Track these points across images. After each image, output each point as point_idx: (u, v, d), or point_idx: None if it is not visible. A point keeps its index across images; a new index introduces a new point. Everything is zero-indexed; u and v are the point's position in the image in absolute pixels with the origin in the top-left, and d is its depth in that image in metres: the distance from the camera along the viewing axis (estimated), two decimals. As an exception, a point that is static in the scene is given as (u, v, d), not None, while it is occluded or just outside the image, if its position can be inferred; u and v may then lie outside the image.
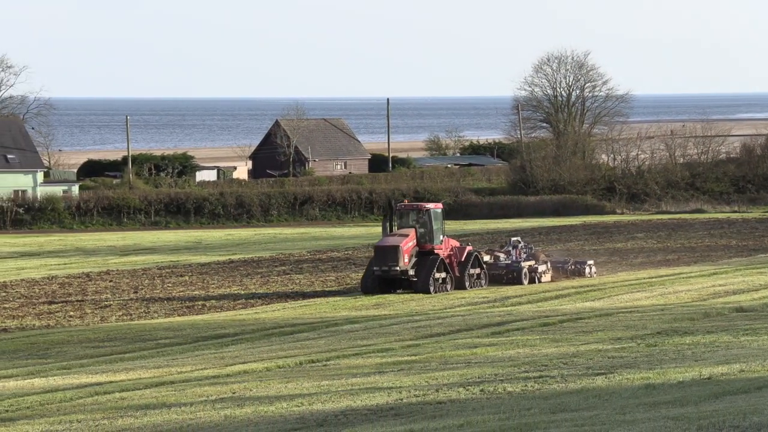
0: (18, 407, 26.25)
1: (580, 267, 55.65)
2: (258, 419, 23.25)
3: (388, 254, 49.97)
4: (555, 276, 54.63)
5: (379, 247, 50.74)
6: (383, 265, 50.08)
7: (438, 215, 51.40)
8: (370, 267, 50.81)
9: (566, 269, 55.32)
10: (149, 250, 75.44)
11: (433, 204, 52.06)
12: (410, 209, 51.55)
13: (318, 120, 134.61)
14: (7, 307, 49.24)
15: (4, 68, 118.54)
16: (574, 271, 55.40)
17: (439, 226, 51.27)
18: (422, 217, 51.02)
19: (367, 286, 50.66)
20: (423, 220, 51.00)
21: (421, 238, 50.79)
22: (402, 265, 49.95)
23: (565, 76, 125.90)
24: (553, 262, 55.70)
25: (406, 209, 51.72)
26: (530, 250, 55.22)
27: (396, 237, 50.46)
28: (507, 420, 21.28)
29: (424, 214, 51.00)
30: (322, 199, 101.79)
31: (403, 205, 52.43)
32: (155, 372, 31.01)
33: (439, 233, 51.19)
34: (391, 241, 50.28)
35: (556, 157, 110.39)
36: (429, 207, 51.29)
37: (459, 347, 33.23)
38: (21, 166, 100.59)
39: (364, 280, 51.01)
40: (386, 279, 50.41)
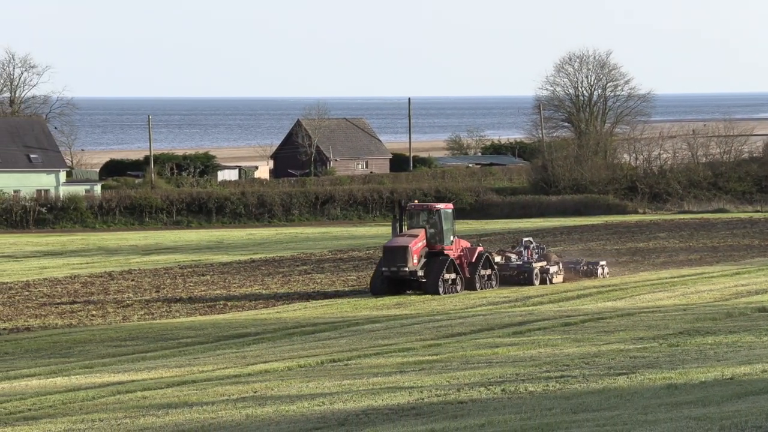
0: (41, 406, 26.36)
1: (593, 267, 55.21)
2: (279, 418, 23.28)
3: (397, 255, 49.56)
4: (567, 277, 54.23)
5: (388, 247, 50.32)
6: (392, 266, 49.68)
7: (448, 216, 50.91)
8: (379, 268, 50.41)
9: (578, 270, 54.91)
10: (171, 250, 75.64)
11: (443, 204, 51.58)
12: (420, 209, 51.10)
13: (339, 119, 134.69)
14: (29, 306, 49.45)
15: (27, 68, 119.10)
16: (587, 271, 55.00)
17: (449, 227, 50.80)
18: (432, 218, 50.57)
19: (375, 287, 50.22)
20: (433, 221, 50.54)
21: (431, 239, 50.35)
22: (411, 265, 49.53)
23: (586, 75, 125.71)
24: (565, 262, 55.25)
25: (416, 209, 51.27)
26: (542, 251, 54.80)
27: (405, 237, 50.06)
28: (528, 420, 21.26)
29: (434, 214, 50.57)
30: (343, 199, 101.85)
31: (413, 205, 51.98)
32: (177, 371, 31.08)
33: (449, 234, 50.72)
34: (400, 242, 49.87)
35: (577, 156, 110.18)
36: (439, 207, 50.76)
37: (480, 347, 33.20)
38: (44, 165, 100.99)
39: (373, 280, 50.61)
40: (395, 280, 49.97)
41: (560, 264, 54.27)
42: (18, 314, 46.97)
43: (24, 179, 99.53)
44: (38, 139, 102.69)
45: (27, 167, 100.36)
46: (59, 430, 23.56)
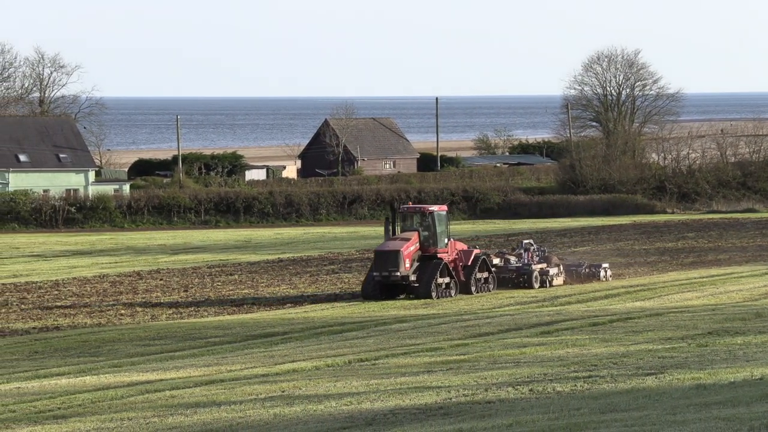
0: (70, 405, 26.48)
1: (595, 270, 54.10)
2: (307, 418, 23.31)
3: (389, 259, 48.13)
4: (568, 279, 53.21)
5: (379, 251, 48.92)
6: (383, 271, 48.25)
7: (442, 218, 49.54)
8: (371, 272, 48.98)
9: (580, 272, 53.91)
10: (199, 249, 75.85)
11: (437, 206, 50.33)
12: (413, 212, 49.82)
13: (367, 119, 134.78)
14: (59, 305, 49.69)
15: (56, 68, 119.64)
16: (589, 274, 53.90)
17: (443, 229, 49.40)
18: (426, 220, 49.23)
19: (367, 292, 48.78)
20: (426, 223, 49.18)
21: (425, 242, 48.99)
22: (403, 270, 48.14)
23: (615, 74, 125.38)
24: (567, 265, 54.34)
25: (409, 212, 49.97)
26: (543, 253, 53.76)
27: (397, 241, 48.63)
28: (556, 420, 21.23)
29: (427, 216, 49.22)
30: (371, 198, 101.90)
31: (406, 207, 50.70)
32: (205, 370, 31.17)
33: (443, 237, 49.33)
34: (391, 246, 48.44)
35: (605, 156, 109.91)
36: (433, 209, 49.50)
37: (508, 347, 33.16)
38: (73, 165, 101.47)
39: (365, 285, 49.16)
40: (387, 285, 48.57)
41: (561, 266, 53.23)
42: (47, 313, 47.21)
43: (53, 179, 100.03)
44: (67, 138, 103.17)
45: (56, 167, 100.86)
46: (88, 428, 23.66)
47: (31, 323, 44.54)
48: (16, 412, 25.85)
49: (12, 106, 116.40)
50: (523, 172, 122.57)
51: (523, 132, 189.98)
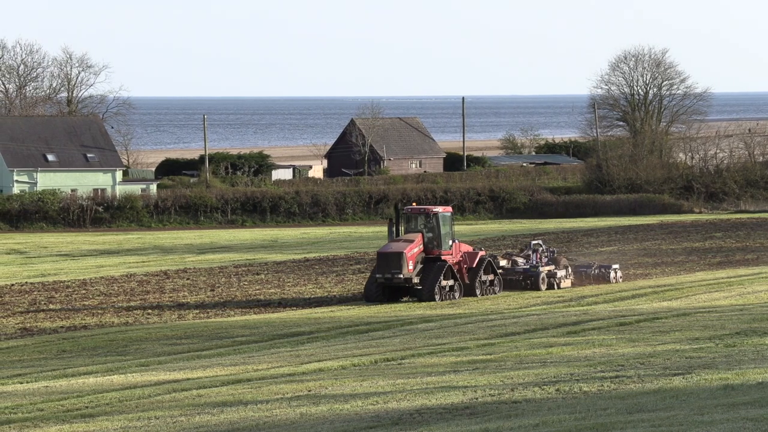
0: (97, 403, 26.59)
1: (605, 272, 53.56)
2: (333, 417, 23.34)
3: (392, 261, 47.39)
4: (577, 281, 52.73)
5: (381, 253, 48.08)
6: (386, 273, 47.48)
7: (447, 219, 48.81)
8: (373, 274, 48.33)
9: (590, 274, 53.36)
10: (226, 249, 76.03)
11: (441, 207, 49.43)
12: (417, 213, 48.89)
13: (393, 119, 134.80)
14: (86, 304, 49.90)
15: (84, 68, 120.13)
16: (599, 275, 53.34)
17: (447, 231, 48.69)
18: (430, 222, 48.46)
19: (370, 294, 48.06)
20: (431, 225, 48.43)
21: (429, 244, 48.29)
22: (406, 272, 47.40)
23: (642, 74, 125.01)
24: (577, 266, 53.83)
25: (413, 213, 49.05)
26: (552, 254, 53.07)
27: (400, 243, 47.88)
28: (583, 420, 21.19)
29: (431, 218, 48.45)
30: (397, 198, 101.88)
31: (410, 208, 49.62)
32: (232, 369, 31.24)
33: (447, 238, 48.64)
34: (394, 247, 47.68)
35: (632, 155, 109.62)
36: (437, 211, 48.71)
37: (534, 346, 33.11)
38: (100, 165, 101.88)
39: (367, 287, 48.47)
40: (390, 287, 47.91)
41: (569, 268, 52.67)
42: (75, 312, 47.42)
43: (81, 178, 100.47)
44: (95, 138, 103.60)
45: (84, 166, 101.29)
46: (116, 427, 23.74)
47: (59, 322, 44.75)
48: (44, 410, 25.98)
49: (40, 106, 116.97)
50: (549, 171, 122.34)
51: (550, 132, 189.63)
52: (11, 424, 24.51)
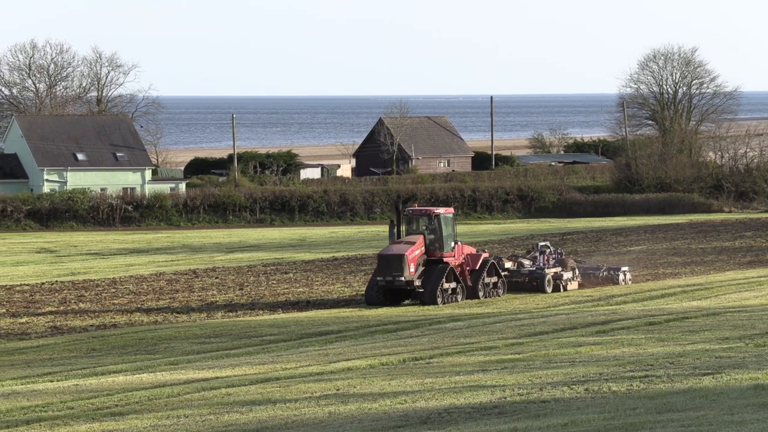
0: (127, 402, 26.69)
1: (614, 274, 52.55)
2: (362, 416, 23.35)
3: (393, 264, 46.43)
4: (585, 283, 51.89)
5: (382, 256, 47.07)
6: (387, 275, 46.50)
7: (449, 221, 47.90)
8: (374, 277, 47.38)
9: (598, 276, 52.56)
10: (254, 248, 76.19)
11: (443, 209, 48.59)
12: (419, 215, 47.97)
13: (421, 118, 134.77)
14: (116, 303, 50.10)
15: (113, 67, 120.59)
16: (607, 278, 52.53)
17: (450, 233, 47.79)
18: (432, 223, 47.55)
19: (371, 297, 47.14)
20: (432, 227, 47.52)
21: (431, 246, 47.36)
22: (407, 275, 46.43)
23: (671, 73, 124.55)
24: (585, 268, 52.96)
25: (414, 215, 48.13)
26: (559, 256, 51.93)
27: (401, 245, 46.93)
28: (612, 420, 21.14)
29: (433, 219, 47.53)
30: (425, 197, 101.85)
31: (412, 210, 48.73)
32: (260, 368, 31.31)
33: (449, 240, 47.74)
34: (395, 250, 46.76)
35: (661, 154, 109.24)
36: (439, 212, 47.81)
37: (563, 346, 33.04)
38: (130, 164, 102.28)
39: (368, 291, 47.54)
40: (391, 290, 47.00)
41: (576, 270, 51.81)
42: (105, 311, 47.62)
43: (111, 177, 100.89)
44: (124, 137, 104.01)
45: (113, 165, 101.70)
46: (145, 425, 23.83)
47: (89, 321, 44.95)
48: (74, 409, 26.10)
49: (70, 106, 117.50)
50: (578, 170, 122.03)
51: (579, 131, 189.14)
52: (42, 423, 24.64)
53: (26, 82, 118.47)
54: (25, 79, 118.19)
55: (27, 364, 34.79)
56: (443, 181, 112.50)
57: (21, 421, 24.84)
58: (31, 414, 25.62)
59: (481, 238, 78.71)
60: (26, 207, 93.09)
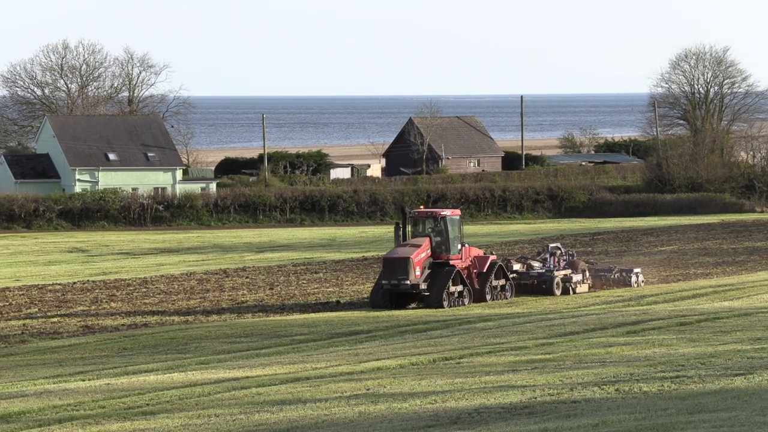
0: (158, 401, 26.80)
1: (626, 276, 51.74)
2: (392, 416, 23.37)
3: (398, 267, 45.75)
4: (596, 285, 51.13)
5: (388, 259, 46.45)
6: (392, 279, 45.88)
7: (455, 223, 47.16)
8: (380, 280, 46.76)
9: (609, 278, 51.79)
10: (284, 247, 76.33)
11: (450, 210, 47.95)
12: (425, 216, 47.43)
13: (451, 118, 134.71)
14: (147, 302, 50.30)
15: (145, 67, 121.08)
16: (619, 280, 51.72)
17: (456, 235, 47.05)
18: (438, 225, 46.91)
19: (376, 300, 46.51)
20: (438, 229, 46.88)
21: (437, 248, 46.70)
22: (413, 278, 45.74)
23: (703, 72, 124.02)
24: (597, 270, 52.17)
25: (420, 216, 47.56)
26: (570, 258, 51.22)
27: (407, 248, 46.21)
28: (643, 420, 21.08)
29: (439, 221, 46.88)
30: (455, 197, 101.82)
31: (418, 212, 48.13)
32: (290, 368, 31.36)
33: (456, 242, 47.00)
34: (400, 253, 46.07)
35: (693, 154, 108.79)
36: (445, 214, 47.12)
37: (593, 346, 32.95)
38: (161, 164, 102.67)
39: (373, 294, 46.96)
40: (397, 293, 46.32)
41: (587, 272, 50.98)
42: (136, 310, 47.82)
43: (142, 177, 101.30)
44: (155, 137, 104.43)
45: (144, 165, 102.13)
46: (176, 425, 23.91)
47: (121, 320, 45.15)
48: (105, 408, 26.22)
49: (102, 106, 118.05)
50: (608, 170, 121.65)
51: (610, 130, 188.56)
52: (74, 421, 24.77)
53: (58, 83, 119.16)
54: (57, 79, 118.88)
55: (59, 363, 34.99)
56: (473, 181, 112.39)
57: (53, 420, 24.99)
58: (63, 413, 25.76)
59: (511, 238, 78.59)
60: (58, 207, 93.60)
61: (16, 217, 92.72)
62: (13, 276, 61.52)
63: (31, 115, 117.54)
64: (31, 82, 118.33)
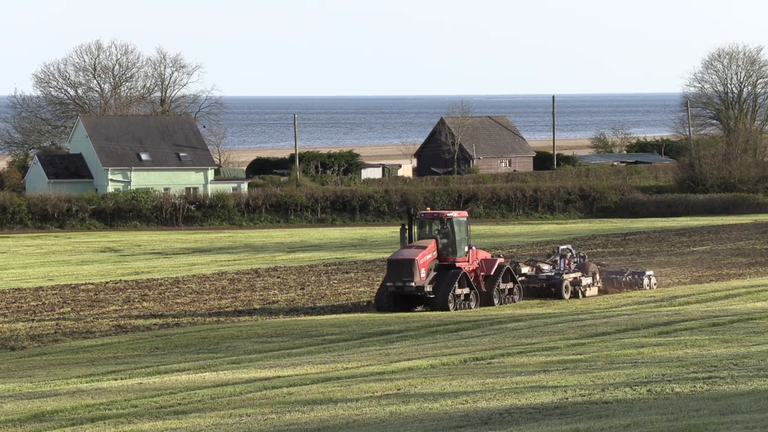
0: (190, 400, 26.88)
1: (638, 278, 50.96)
2: (423, 416, 23.36)
3: (403, 268, 45.15)
4: (607, 288, 50.31)
5: (392, 260, 45.89)
6: (397, 281, 45.21)
7: (462, 224, 46.50)
8: (384, 282, 46.14)
9: (621, 281, 51.01)
10: (315, 247, 76.43)
11: (456, 212, 47.57)
12: (431, 218, 46.87)
13: (483, 118, 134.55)
14: (179, 302, 50.47)
15: (177, 68, 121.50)
16: (631, 282, 50.98)
17: (463, 237, 46.32)
18: (444, 227, 46.25)
19: (381, 303, 45.86)
20: (445, 231, 46.18)
21: (443, 250, 45.99)
22: (418, 280, 45.08)
23: (736, 72, 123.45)
24: (608, 272, 51.40)
25: (426, 218, 46.97)
26: (582, 260, 50.42)
27: (412, 249, 45.68)
28: (675, 421, 21.00)
29: (446, 223, 46.25)
30: (486, 197, 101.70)
31: (424, 213, 47.70)
32: (322, 368, 31.40)
33: (462, 244, 46.23)
34: (406, 254, 45.52)
35: (726, 154, 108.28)
36: (452, 216, 46.60)
37: (625, 347, 32.84)
38: (193, 164, 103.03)
39: (378, 296, 46.31)
40: (402, 295, 45.65)
41: (597, 275, 50.04)
42: (168, 310, 48.00)
43: (174, 177, 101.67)
44: (187, 137, 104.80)
45: (176, 165, 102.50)
46: (208, 424, 23.98)
47: (152, 320, 45.33)
48: (137, 407, 26.33)
49: (134, 106, 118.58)
50: (640, 170, 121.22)
51: (641, 130, 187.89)
52: (106, 420, 24.89)
53: (91, 83, 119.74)
54: (90, 79, 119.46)
55: (91, 363, 35.16)
56: (504, 181, 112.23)
57: (86, 419, 25.11)
58: (96, 412, 25.88)
59: (542, 239, 78.43)
60: (91, 206, 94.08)
61: (50, 216, 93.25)
62: (46, 275, 61.89)
63: (64, 116, 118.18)
64: (65, 82, 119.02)
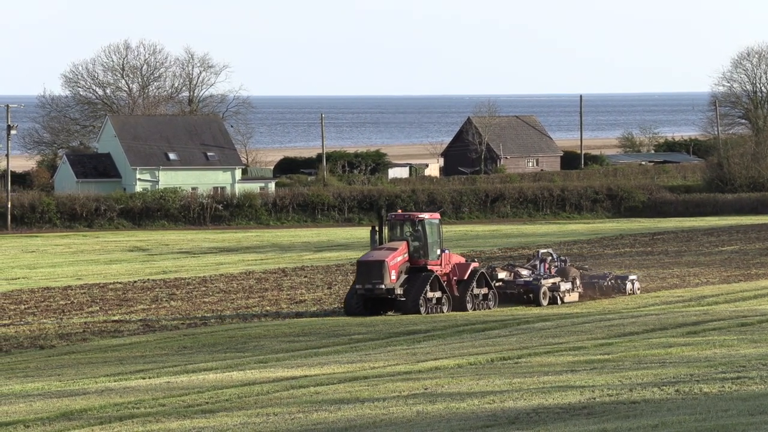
0: (217, 399, 26.97)
1: (620, 283, 49.62)
2: (450, 415, 23.36)
3: (372, 270, 44.14)
4: (588, 293, 48.99)
5: (362, 262, 44.99)
6: (366, 283, 44.17)
7: (434, 227, 45.58)
8: (354, 285, 45.26)
9: (603, 285, 49.46)
10: (342, 247, 76.48)
11: (428, 214, 46.63)
12: (402, 220, 46.00)
13: (510, 117, 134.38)
14: (206, 301, 50.61)
15: (205, 68, 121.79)
16: (614, 287, 49.45)
17: (435, 240, 45.37)
18: (416, 229, 45.35)
19: (350, 306, 44.77)
20: (417, 233, 45.25)
21: (414, 253, 45.03)
22: (388, 282, 44.00)
23: (765, 71, 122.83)
24: (590, 276, 50.18)
25: (397, 220, 46.06)
26: (562, 264, 48.98)
27: (382, 251, 44.77)
28: (703, 421, 20.93)
29: (417, 225, 45.36)
30: (513, 197, 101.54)
31: (395, 215, 46.78)
32: (349, 367, 31.44)
33: (435, 247, 45.24)
34: (375, 256, 44.63)
35: (755, 154, 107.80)
36: (423, 217, 45.68)
37: (653, 347, 32.75)
38: (220, 163, 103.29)
39: (347, 299, 45.29)
40: (372, 298, 44.60)
41: (577, 280, 48.71)
42: (196, 309, 48.13)
43: (201, 177, 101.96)
44: (215, 137, 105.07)
45: (204, 165, 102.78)
46: (235, 423, 24.05)
47: (180, 319, 45.47)
48: (165, 406, 26.43)
49: (162, 105, 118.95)
50: (668, 170, 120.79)
51: (670, 130, 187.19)
52: (134, 419, 25.00)
53: (120, 83, 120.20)
54: (118, 79, 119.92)
55: (120, 361, 35.32)
56: (531, 180, 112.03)
57: (114, 418, 25.23)
58: (124, 410, 26.00)
59: (570, 238, 78.26)
60: (119, 206, 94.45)
61: (78, 216, 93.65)
62: (75, 275, 62.18)
63: (92, 115, 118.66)
64: (93, 82, 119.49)
